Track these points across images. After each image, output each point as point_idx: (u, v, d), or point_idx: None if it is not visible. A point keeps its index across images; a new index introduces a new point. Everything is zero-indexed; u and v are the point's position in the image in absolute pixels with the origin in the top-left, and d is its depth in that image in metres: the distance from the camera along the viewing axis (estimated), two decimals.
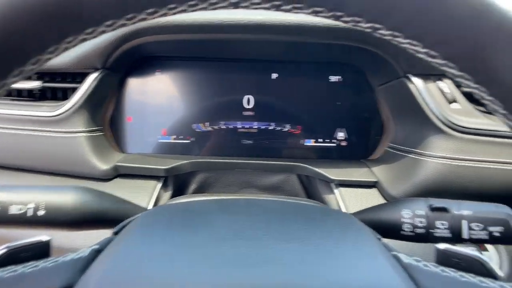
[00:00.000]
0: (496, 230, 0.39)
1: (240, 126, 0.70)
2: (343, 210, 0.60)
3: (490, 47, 0.20)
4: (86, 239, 0.56)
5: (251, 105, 0.70)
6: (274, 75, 0.70)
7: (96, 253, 0.27)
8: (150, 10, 0.20)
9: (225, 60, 0.69)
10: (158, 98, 0.70)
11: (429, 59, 0.22)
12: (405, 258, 0.29)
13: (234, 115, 0.70)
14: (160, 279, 0.22)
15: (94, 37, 0.20)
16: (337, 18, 0.21)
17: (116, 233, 0.32)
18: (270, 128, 0.70)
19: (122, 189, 0.63)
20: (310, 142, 0.71)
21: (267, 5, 0.21)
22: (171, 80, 0.70)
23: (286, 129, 0.70)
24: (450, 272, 0.27)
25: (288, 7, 0.21)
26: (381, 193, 0.62)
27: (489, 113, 0.57)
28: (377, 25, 0.21)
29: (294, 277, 0.23)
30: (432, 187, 0.56)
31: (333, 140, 0.71)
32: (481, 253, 0.56)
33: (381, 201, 0.61)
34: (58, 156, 0.63)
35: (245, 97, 0.69)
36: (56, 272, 0.24)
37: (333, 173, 0.64)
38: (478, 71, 0.21)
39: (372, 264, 0.26)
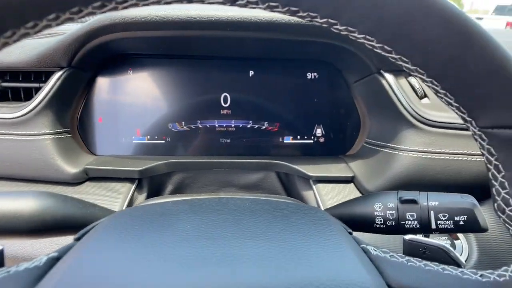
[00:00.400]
0: (461, 219, 0.40)
1: (217, 125, 0.69)
2: (321, 205, 0.60)
3: (438, 43, 0.20)
4: (47, 248, 0.53)
5: (228, 104, 0.69)
6: (251, 73, 0.69)
7: (54, 261, 0.25)
8: (97, 4, 0.18)
9: (200, 58, 0.68)
10: (131, 97, 0.67)
11: (385, 53, 0.22)
12: (373, 250, 0.29)
13: (211, 114, 0.68)
14: (119, 284, 0.21)
15: (37, 32, 0.19)
16: (292, 13, 0.21)
17: (78, 239, 0.30)
18: (248, 126, 0.69)
19: (93, 193, 0.60)
20: (289, 140, 0.71)
21: (220, 0, 0.20)
22: (144, 79, 0.68)
23: (264, 127, 0.70)
24: (415, 262, 0.28)
25: (243, 2, 0.20)
26: (357, 188, 0.64)
27: None
28: (332, 21, 0.21)
29: (258, 275, 0.23)
30: (405, 180, 0.58)
31: (311, 137, 0.71)
32: (453, 242, 0.59)
33: (358, 195, 0.62)
34: (22, 161, 0.59)
35: (222, 95, 0.68)
36: (7, 284, 0.22)
37: (311, 169, 0.64)
38: (428, 66, 0.22)
39: (339, 258, 0.26)
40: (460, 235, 0.59)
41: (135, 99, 0.67)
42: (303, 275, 0.23)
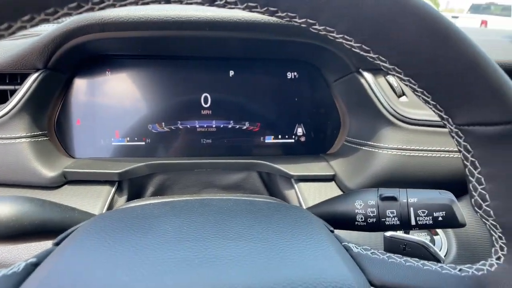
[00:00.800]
0: (440, 215, 0.41)
1: (198, 126, 0.68)
2: (303, 204, 0.60)
3: (414, 43, 0.21)
4: (25, 253, 0.52)
5: (208, 104, 0.68)
6: (231, 73, 0.69)
7: (32, 267, 0.25)
8: (72, 5, 0.18)
9: (180, 58, 0.67)
10: (109, 98, 0.67)
11: (363, 53, 0.23)
12: (355, 248, 0.29)
13: (191, 114, 0.68)
14: None
15: (11, 33, 0.18)
16: (271, 13, 0.21)
17: (57, 244, 0.30)
18: (229, 126, 0.69)
19: (72, 197, 0.59)
20: (270, 139, 0.71)
21: (199, 0, 0.20)
22: (123, 80, 0.67)
23: (245, 127, 0.70)
24: (396, 258, 0.28)
25: (221, 2, 0.21)
26: (338, 186, 0.64)
27: None
28: (311, 21, 0.21)
29: (240, 275, 0.23)
30: (385, 177, 0.59)
31: (292, 136, 0.71)
32: (432, 238, 0.59)
33: (339, 193, 0.63)
34: None
35: (202, 96, 0.68)
36: None
37: (293, 168, 0.64)
38: (405, 66, 0.22)
39: (321, 256, 0.26)
40: (439, 230, 0.60)
41: (114, 100, 0.67)
42: (285, 274, 0.23)
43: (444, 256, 0.58)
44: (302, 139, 0.72)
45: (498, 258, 0.25)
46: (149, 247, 0.25)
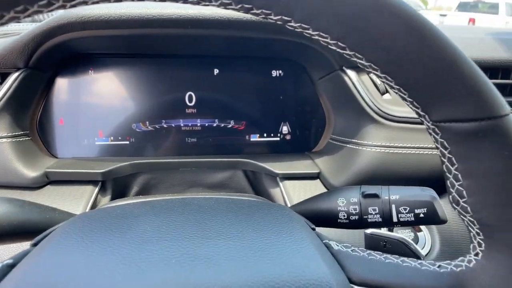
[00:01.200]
0: (421, 212, 0.41)
1: (182, 124, 0.68)
2: (287, 202, 0.60)
3: (390, 40, 0.21)
4: (3, 255, 0.52)
5: (193, 102, 0.68)
6: (216, 71, 0.68)
7: (8, 268, 0.25)
8: (42, 2, 0.18)
9: (163, 56, 0.67)
10: (92, 98, 0.66)
11: (340, 50, 0.23)
12: (335, 245, 0.30)
13: (176, 113, 0.67)
14: None
15: None
16: (246, 10, 0.21)
17: (35, 245, 0.29)
18: (214, 125, 0.69)
19: (55, 197, 0.58)
20: (255, 138, 0.71)
21: None
22: (106, 79, 0.66)
23: (230, 125, 0.69)
24: (376, 255, 0.28)
25: (195, 0, 0.20)
26: (323, 183, 0.64)
27: None
28: (286, 18, 0.21)
29: (217, 274, 0.23)
30: (369, 174, 0.59)
31: (277, 135, 0.71)
32: (416, 234, 0.60)
33: (324, 191, 0.63)
34: None
35: (187, 94, 0.68)
36: None
37: (278, 167, 0.64)
38: (381, 63, 0.22)
39: (301, 254, 0.26)
40: (423, 227, 0.61)
41: (97, 99, 0.66)
42: (263, 272, 0.23)
43: (428, 253, 0.58)
44: (288, 137, 0.72)
45: (476, 254, 0.25)
46: (126, 247, 0.25)
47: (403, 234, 0.58)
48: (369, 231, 0.39)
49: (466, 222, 0.26)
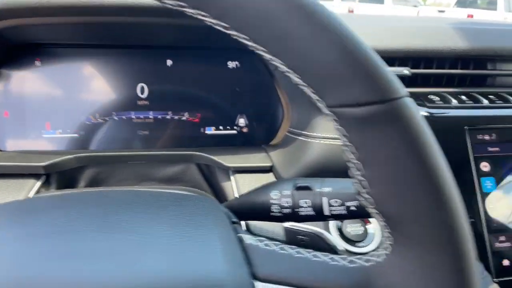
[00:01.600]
0: (352, 204, 0.40)
1: (134, 117, 0.66)
2: (237, 196, 0.59)
3: (291, 37, 0.20)
4: None
5: (145, 94, 0.66)
6: (169, 62, 0.67)
7: None
8: None
9: (114, 47, 0.65)
10: (39, 89, 0.64)
11: (225, 31, 0.22)
12: (248, 239, 0.28)
13: (127, 105, 0.66)
14: None
15: None
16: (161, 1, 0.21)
17: None
18: (168, 117, 0.67)
19: None
20: (211, 130, 0.69)
21: None
22: (53, 70, 0.64)
23: (184, 118, 0.68)
24: (287, 250, 0.27)
25: None
26: (276, 177, 0.63)
27: None
28: (202, 13, 0.21)
29: (100, 269, 0.22)
30: (318, 167, 0.58)
31: (234, 127, 0.70)
32: (365, 228, 0.59)
33: None
34: None
35: (139, 86, 0.66)
36: None
37: (230, 160, 0.63)
38: (286, 58, 0.21)
39: (201, 250, 0.25)
40: (372, 220, 0.59)
41: (44, 91, 0.64)
42: (148, 267, 0.22)
43: (377, 246, 0.57)
44: (245, 130, 0.70)
45: (385, 248, 0.24)
46: (16, 242, 0.24)
47: (354, 227, 0.57)
48: (286, 224, 0.38)
49: (373, 215, 0.24)
